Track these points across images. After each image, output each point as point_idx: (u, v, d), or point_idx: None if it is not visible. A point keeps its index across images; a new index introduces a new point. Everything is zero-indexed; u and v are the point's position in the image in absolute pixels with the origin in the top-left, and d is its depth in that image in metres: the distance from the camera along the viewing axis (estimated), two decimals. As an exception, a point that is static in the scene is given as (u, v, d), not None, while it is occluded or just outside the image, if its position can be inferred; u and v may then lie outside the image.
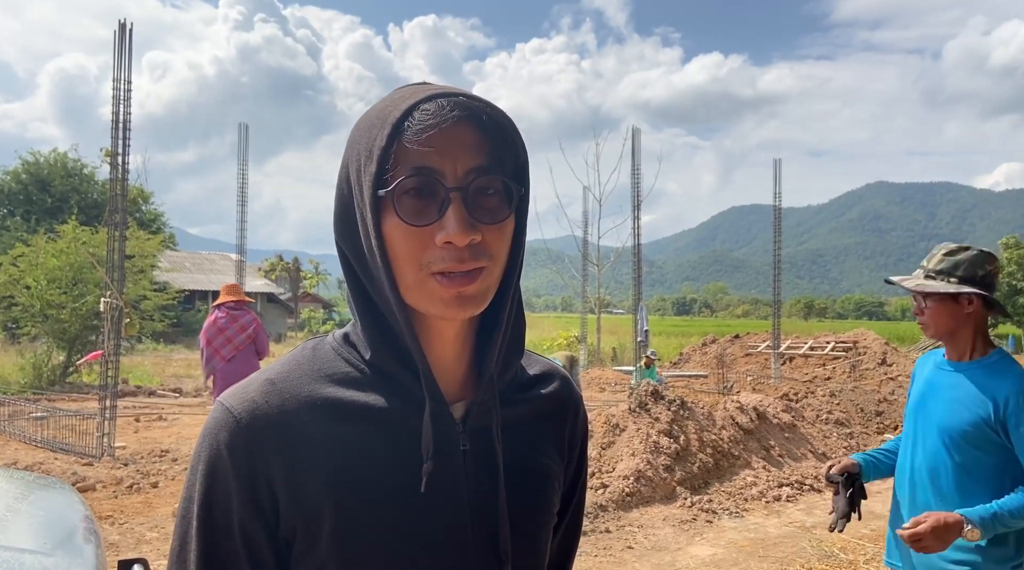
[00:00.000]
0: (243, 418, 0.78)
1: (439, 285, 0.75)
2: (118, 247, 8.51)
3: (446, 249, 0.74)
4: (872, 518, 6.50)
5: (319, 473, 0.77)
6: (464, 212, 0.74)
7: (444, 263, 0.74)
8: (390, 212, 0.75)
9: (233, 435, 0.78)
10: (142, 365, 18.86)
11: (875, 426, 10.08)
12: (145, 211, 33.75)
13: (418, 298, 0.77)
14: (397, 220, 0.75)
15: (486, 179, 0.76)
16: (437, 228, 0.74)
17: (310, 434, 0.78)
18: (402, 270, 0.77)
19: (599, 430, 7.45)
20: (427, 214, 0.75)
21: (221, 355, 6.84)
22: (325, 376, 0.81)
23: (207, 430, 0.80)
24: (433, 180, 0.74)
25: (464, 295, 0.76)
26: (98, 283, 13.84)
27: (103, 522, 5.76)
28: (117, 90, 8.60)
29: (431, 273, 0.75)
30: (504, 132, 0.77)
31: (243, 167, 14.63)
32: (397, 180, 0.74)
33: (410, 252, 0.75)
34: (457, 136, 0.74)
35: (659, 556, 5.39)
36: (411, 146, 0.74)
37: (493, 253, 0.77)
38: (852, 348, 18.80)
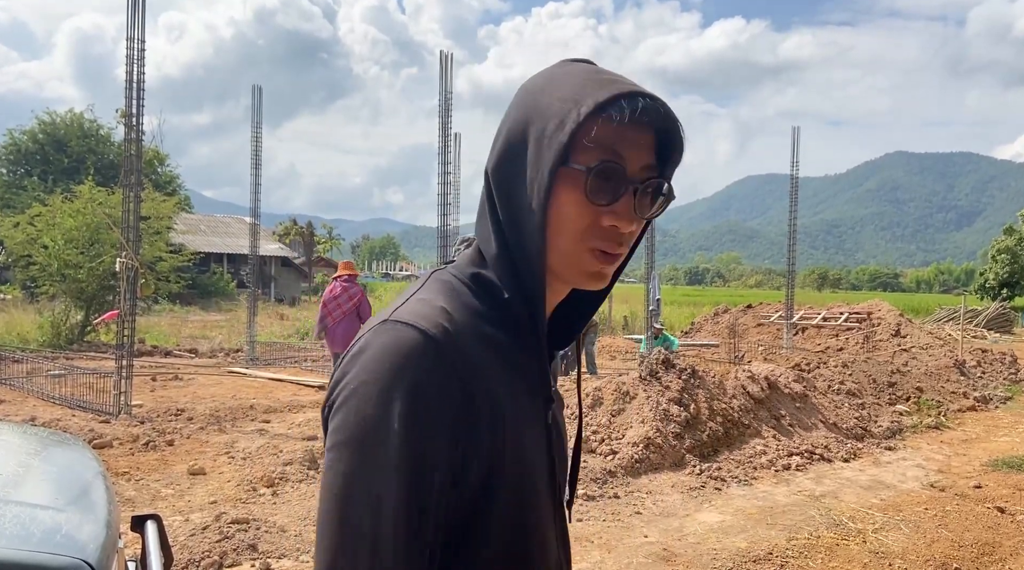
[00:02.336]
0: (443, 341, 0.77)
1: (593, 259, 0.83)
2: (133, 208, 8.53)
3: (609, 231, 0.82)
4: (881, 488, 6.52)
5: (501, 406, 0.80)
6: (632, 204, 0.82)
7: (604, 242, 0.83)
8: (571, 183, 0.81)
9: (438, 357, 0.76)
10: (159, 326, 19.05)
11: (887, 397, 10.05)
12: (161, 173, 33.84)
13: (564, 264, 0.85)
14: (579, 194, 0.81)
15: (655, 181, 0.84)
16: (608, 210, 0.81)
17: (487, 368, 0.81)
18: (560, 235, 0.83)
19: (609, 397, 7.47)
20: (604, 195, 0.81)
21: (332, 317, 8.51)
22: (476, 311, 0.85)
23: (396, 349, 0.75)
24: (620, 169, 0.81)
25: (602, 272, 0.86)
26: (114, 244, 13.93)
27: (119, 478, 5.86)
28: (131, 50, 8.56)
29: (588, 247, 0.83)
30: (679, 143, 0.85)
31: (257, 130, 14.57)
32: (591, 161, 0.80)
33: (578, 224, 0.82)
34: (644, 135, 0.82)
35: (667, 522, 5.43)
36: (607, 132, 0.80)
37: (630, 242, 0.86)
38: (866, 319, 18.67)
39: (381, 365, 0.75)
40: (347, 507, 0.72)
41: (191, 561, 4.32)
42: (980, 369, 13.08)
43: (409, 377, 0.74)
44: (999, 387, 12.06)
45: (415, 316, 0.79)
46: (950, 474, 7.06)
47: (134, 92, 8.55)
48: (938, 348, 15.32)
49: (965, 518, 5.71)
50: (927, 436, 8.75)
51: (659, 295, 15.56)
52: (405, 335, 0.76)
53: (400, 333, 0.77)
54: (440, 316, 0.80)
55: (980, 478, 6.85)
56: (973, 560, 4.90)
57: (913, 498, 6.24)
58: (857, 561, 4.79)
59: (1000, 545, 5.18)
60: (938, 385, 11.07)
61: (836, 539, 5.17)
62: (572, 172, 0.81)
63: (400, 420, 0.73)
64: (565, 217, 0.82)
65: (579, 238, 0.83)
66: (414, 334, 0.76)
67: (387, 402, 0.73)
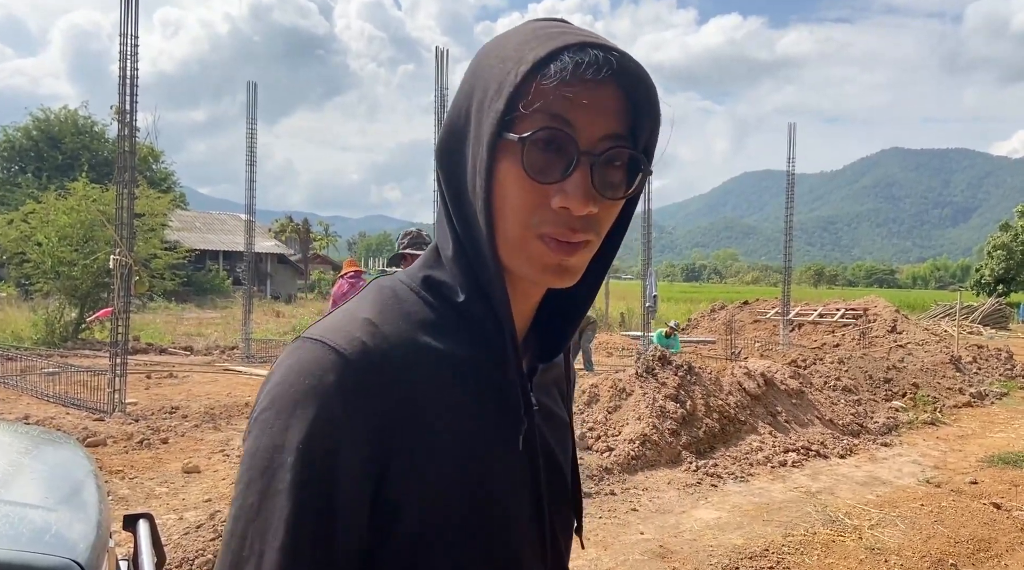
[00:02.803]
0: (355, 358, 0.67)
1: (544, 249, 0.70)
2: (127, 205, 8.49)
3: (560, 213, 0.69)
4: (877, 484, 6.52)
5: (438, 429, 0.70)
6: (589, 181, 0.68)
7: (554, 227, 0.69)
8: (511, 158, 0.69)
9: (344, 377, 0.66)
10: (154, 323, 19.00)
11: (883, 393, 10.06)
12: (156, 170, 33.73)
13: (516, 256, 0.72)
14: (519, 170, 0.68)
15: (618, 151, 0.70)
16: (557, 189, 0.68)
17: (427, 388, 0.70)
18: (506, 222, 0.71)
19: (606, 394, 7.46)
20: (550, 171, 0.68)
21: None
22: (419, 321, 0.73)
23: (299, 369, 0.66)
24: (567, 137, 0.68)
25: (564, 266, 0.71)
26: (108, 241, 13.88)
27: (113, 477, 5.83)
28: (124, 46, 8.52)
29: (537, 234, 0.70)
30: (651, 102, 0.70)
31: (252, 126, 14.52)
32: (533, 128, 0.67)
33: (522, 206, 0.69)
34: (602, 94, 0.68)
35: (663, 519, 5.42)
36: (550, 93, 0.66)
37: (600, 229, 0.72)
38: (862, 315, 18.70)
39: (283, 390, 0.66)
40: (238, 548, 0.64)
41: (185, 559, 4.30)
42: (976, 365, 13.11)
43: (311, 404, 0.65)
44: (995, 383, 12.08)
45: (327, 331, 0.69)
46: (946, 470, 7.06)
47: (127, 88, 8.51)
48: (934, 344, 15.35)
49: (961, 514, 5.71)
50: (923, 432, 8.76)
51: (656, 291, 15.57)
52: (311, 355, 0.67)
53: (306, 352, 0.68)
54: (360, 329, 0.69)
55: (976, 474, 6.86)
56: (969, 556, 4.91)
57: (909, 494, 6.24)
58: (853, 557, 4.79)
59: (996, 541, 5.18)
60: (934, 381, 11.09)
61: (832, 535, 5.17)
62: (512, 145, 0.68)
63: (297, 455, 0.63)
64: (508, 198, 0.70)
65: (525, 223, 0.70)
66: (321, 353, 0.67)
67: (283, 432, 0.65)
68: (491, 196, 0.70)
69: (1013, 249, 44.03)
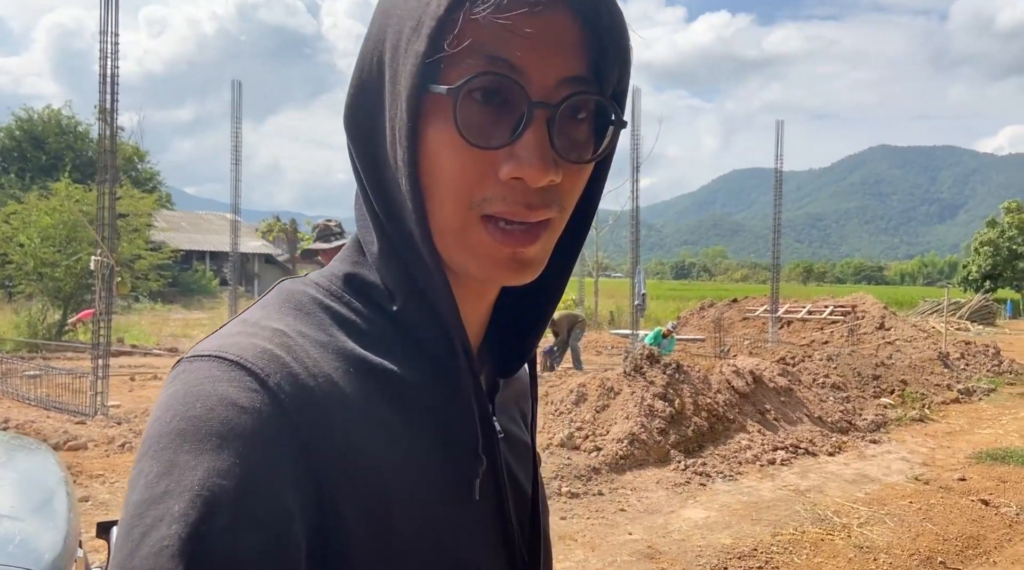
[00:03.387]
0: (271, 377, 0.50)
1: (490, 237, 0.54)
2: (109, 205, 8.39)
3: (511, 186, 0.53)
4: (866, 481, 6.50)
5: (368, 458, 0.53)
6: (547, 140, 0.52)
7: (504, 205, 0.53)
8: (441, 118, 0.52)
9: (259, 402, 0.49)
10: (139, 325, 18.83)
11: (871, 390, 10.07)
12: (140, 170, 33.49)
13: (455, 248, 0.56)
14: (451, 132, 0.52)
15: (582, 99, 0.54)
16: (505, 154, 0.52)
17: (357, 415, 0.53)
18: (441, 203, 0.54)
19: (593, 393, 7.41)
20: (494, 131, 0.52)
21: None
22: (344, 333, 0.57)
23: (191, 396, 0.49)
24: (514, 84, 0.51)
25: (520, 257, 0.55)
26: (92, 241, 13.74)
27: (93, 481, 5.74)
28: (104, 44, 8.41)
29: (482, 215, 0.54)
30: (617, 32, 0.54)
31: (237, 125, 14.41)
32: (467, 75, 0.51)
33: (459, 181, 0.53)
34: (554, 25, 0.52)
35: (652, 518, 5.38)
36: (486, 26, 0.50)
37: (564, 202, 0.56)
38: (850, 312, 18.76)
39: (168, 426, 0.48)
40: None
41: (165, 566, 4.21)
42: (964, 361, 13.16)
43: (213, 440, 0.47)
44: (982, 379, 12.13)
45: (227, 345, 0.52)
46: (934, 467, 7.06)
47: (108, 87, 8.42)
48: (922, 341, 15.41)
49: (949, 511, 5.70)
50: (911, 429, 8.76)
51: (645, 289, 15.56)
52: (207, 376, 0.50)
53: (199, 374, 0.50)
54: (270, 340, 0.53)
55: (964, 471, 6.86)
56: (958, 553, 4.89)
57: (898, 491, 6.22)
58: (842, 556, 4.76)
59: (984, 538, 5.16)
60: (922, 378, 11.11)
61: (821, 534, 5.14)
62: (440, 100, 0.52)
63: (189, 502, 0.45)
64: (440, 173, 0.53)
65: (464, 203, 0.53)
66: (222, 372, 0.50)
67: (168, 475, 0.46)
68: (418, 170, 0.54)
69: (1000, 245, 44.35)
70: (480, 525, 0.60)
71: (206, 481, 0.45)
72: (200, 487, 0.45)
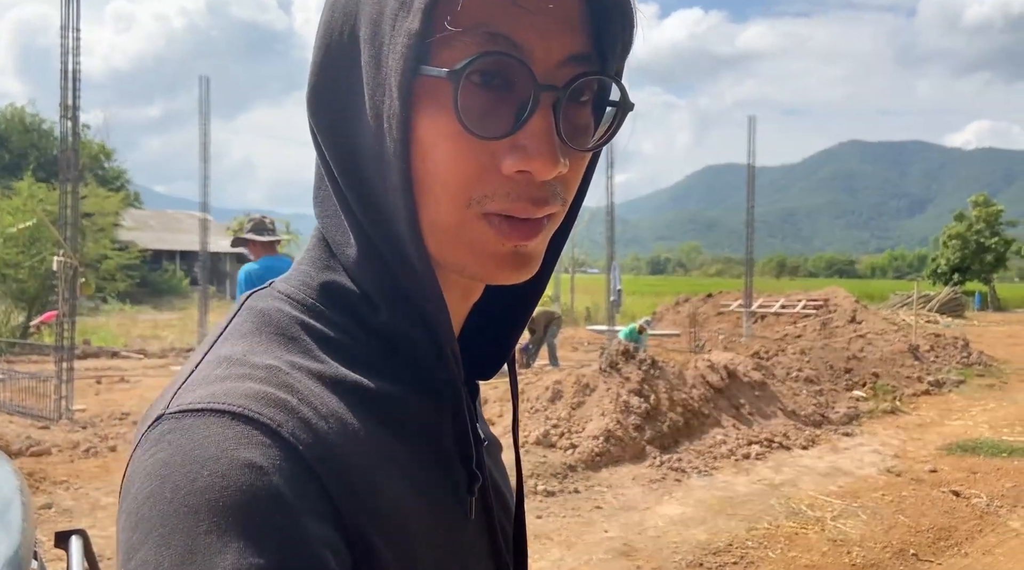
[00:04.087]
0: (279, 424, 0.44)
1: (494, 232, 0.49)
2: (72, 203, 8.20)
3: (514, 181, 0.48)
4: (839, 474, 6.54)
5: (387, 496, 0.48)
6: (554, 127, 0.47)
7: (508, 202, 0.48)
8: (434, 105, 0.47)
9: (273, 453, 0.42)
10: (107, 326, 18.48)
11: (844, 383, 10.15)
12: (107, 168, 32.93)
13: (451, 247, 0.50)
14: (449, 121, 0.46)
15: (587, 80, 0.49)
16: (509, 145, 0.47)
17: (358, 442, 0.48)
18: (435, 201, 0.49)
19: (569, 390, 7.38)
20: (497, 119, 0.47)
21: None
22: (328, 352, 0.51)
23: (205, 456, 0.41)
24: (519, 66, 0.46)
25: (522, 252, 0.50)
26: (56, 242, 13.47)
27: (57, 487, 5.59)
28: (66, 39, 8.22)
29: (482, 213, 0.48)
30: (623, 8, 0.49)
31: (205, 122, 14.17)
32: (468, 55, 0.45)
33: (458, 176, 0.48)
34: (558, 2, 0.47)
35: (628, 516, 5.36)
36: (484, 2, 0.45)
37: (567, 194, 0.51)
38: (823, 306, 18.95)
39: (173, 501, 0.40)
40: None
41: (129, 574, 4.11)
42: (933, 353, 13.33)
43: (232, 511, 0.40)
44: (952, 371, 12.29)
45: (220, 394, 0.44)
46: (906, 459, 7.12)
47: (71, 83, 8.23)
48: (893, 334, 15.59)
49: (921, 503, 5.75)
50: (883, 421, 8.85)
51: (620, 285, 15.58)
52: (207, 432, 0.42)
53: (197, 431, 0.42)
54: (268, 381, 0.46)
55: (935, 462, 6.93)
56: (930, 545, 4.92)
57: (870, 484, 6.26)
58: (816, 550, 4.77)
59: (956, 529, 5.21)
60: (893, 370, 11.23)
61: (795, 528, 5.15)
62: (434, 84, 0.46)
63: None
64: (434, 167, 0.48)
65: (464, 201, 0.48)
66: (224, 427, 0.42)
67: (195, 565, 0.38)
68: (409, 166, 0.48)
69: (968, 238, 45.14)
70: (475, 543, 0.57)
71: (239, 564, 0.38)
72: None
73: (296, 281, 0.55)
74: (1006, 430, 8.34)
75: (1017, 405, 9.93)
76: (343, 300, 0.53)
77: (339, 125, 0.52)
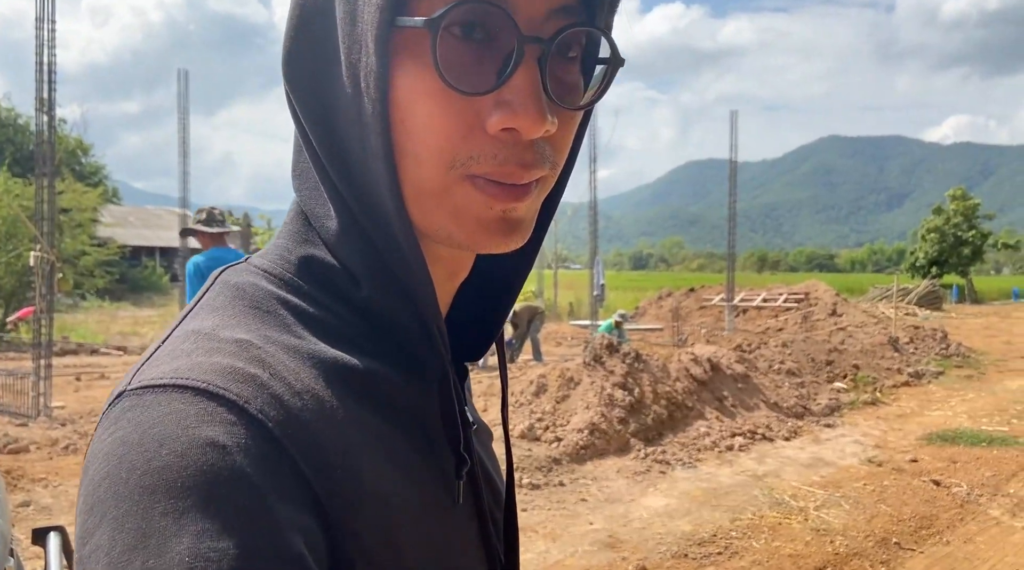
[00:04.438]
0: (247, 400, 0.41)
1: (480, 195, 0.46)
2: (48, 198, 8.07)
3: (501, 141, 0.45)
4: (821, 465, 6.59)
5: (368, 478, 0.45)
6: (540, 83, 0.45)
7: (494, 164, 0.45)
8: (411, 58, 0.44)
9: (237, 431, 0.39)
10: (85, 323, 18.26)
11: (825, 375, 10.24)
12: (85, 164, 32.47)
13: (435, 212, 0.47)
14: (428, 76, 0.44)
15: (575, 33, 0.46)
16: (492, 101, 0.45)
17: (336, 420, 0.45)
18: (416, 163, 0.46)
19: (554, 384, 7.38)
20: (479, 73, 0.45)
21: None
22: (313, 332, 0.48)
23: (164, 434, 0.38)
24: (502, 15, 0.43)
25: (511, 217, 0.48)
26: (33, 237, 13.30)
27: (36, 485, 5.51)
28: (40, 32, 8.09)
29: (467, 175, 0.46)
30: None
31: (184, 116, 14.01)
32: (442, 4, 0.43)
33: (441, 137, 0.45)
34: None
35: (613, 508, 5.37)
36: None
37: (557, 156, 0.49)
38: (804, 300, 19.11)
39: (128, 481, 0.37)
40: None
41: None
42: (913, 345, 13.48)
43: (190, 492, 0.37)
44: (931, 362, 12.44)
45: (184, 368, 0.42)
46: (887, 449, 7.19)
47: (46, 76, 8.11)
48: (873, 326, 15.75)
49: (903, 492, 5.80)
50: (864, 412, 8.93)
51: (603, 280, 15.61)
52: (168, 408, 0.39)
53: (157, 408, 0.40)
54: (237, 355, 0.43)
55: (916, 452, 7.00)
56: (912, 534, 4.97)
57: (852, 474, 6.32)
58: (800, 539, 4.80)
59: (937, 518, 5.27)
60: (873, 362, 11.35)
61: (779, 518, 5.18)
62: (411, 36, 0.44)
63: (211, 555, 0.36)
64: (413, 125, 0.45)
65: (446, 162, 0.45)
66: (186, 403, 0.40)
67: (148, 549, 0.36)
68: (388, 126, 0.45)
69: (945, 232, 45.69)
70: (462, 528, 0.54)
71: (197, 549, 0.36)
72: (192, 558, 0.35)
73: (273, 255, 0.53)
74: (985, 420, 8.45)
75: (995, 395, 10.07)
76: (323, 275, 0.51)
77: (316, 89, 0.49)
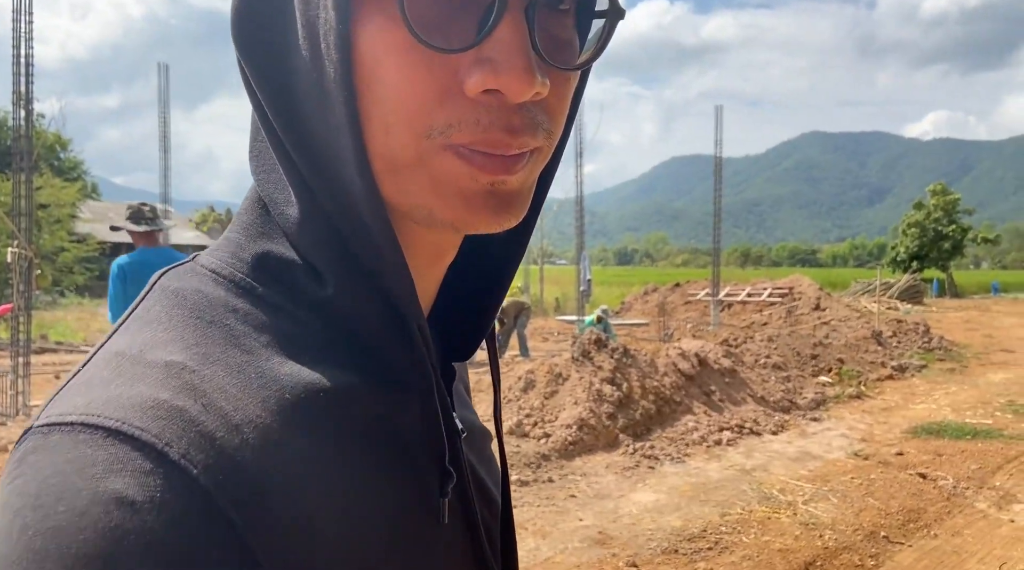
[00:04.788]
0: (168, 442, 0.34)
1: (465, 165, 0.40)
2: (25, 193, 7.94)
3: (484, 105, 0.39)
4: (809, 459, 6.60)
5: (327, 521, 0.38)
6: (528, 38, 0.38)
7: (477, 131, 0.39)
8: (377, 12, 0.38)
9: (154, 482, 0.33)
10: (65, 320, 18.00)
11: (810, 369, 10.29)
12: (63, 159, 32.04)
13: (412, 187, 0.41)
14: (396, 32, 0.38)
15: None
16: (471, 60, 0.38)
17: (285, 456, 0.38)
18: (386, 132, 0.40)
19: (542, 379, 7.35)
20: (455, 28, 0.39)
21: None
22: (259, 339, 0.42)
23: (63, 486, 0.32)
24: None
25: (501, 190, 0.41)
26: (9, 233, 13.08)
27: (15, 487, 5.42)
28: (17, 24, 7.97)
29: (446, 145, 0.39)
30: None
31: (165, 111, 13.84)
32: None
33: (412, 100, 0.39)
34: None
35: (602, 504, 5.34)
36: None
37: (552, 124, 0.42)
38: (788, 294, 19.21)
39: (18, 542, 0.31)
40: None
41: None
42: (896, 339, 13.58)
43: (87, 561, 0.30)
44: (914, 356, 12.53)
45: (97, 403, 0.35)
46: (873, 442, 7.22)
47: (23, 70, 7.99)
48: (856, 320, 15.85)
49: (890, 486, 5.82)
50: (849, 406, 8.97)
51: (589, 276, 15.60)
52: (71, 455, 0.33)
53: (60, 453, 0.33)
54: (163, 383, 0.37)
55: (901, 445, 7.04)
56: (900, 527, 4.99)
57: (839, 467, 6.34)
58: (789, 533, 4.80)
59: (925, 511, 5.29)
60: (857, 356, 11.41)
61: (768, 512, 5.18)
62: None
63: None
64: (382, 89, 0.39)
65: (420, 130, 0.39)
66: (93, 447, 0.33)
67: None
68: (354, 91, 0.39)
69: (926, 227, 46.15)
70: (450, 547, 0.48)
71: None
72: None
73: (224, 253, 0.46)
74: (968, 412, 8.51)
75: (978, 388, 10.16)
76: (281, 273, 0.44)
77: (271, 54, 0.43)
